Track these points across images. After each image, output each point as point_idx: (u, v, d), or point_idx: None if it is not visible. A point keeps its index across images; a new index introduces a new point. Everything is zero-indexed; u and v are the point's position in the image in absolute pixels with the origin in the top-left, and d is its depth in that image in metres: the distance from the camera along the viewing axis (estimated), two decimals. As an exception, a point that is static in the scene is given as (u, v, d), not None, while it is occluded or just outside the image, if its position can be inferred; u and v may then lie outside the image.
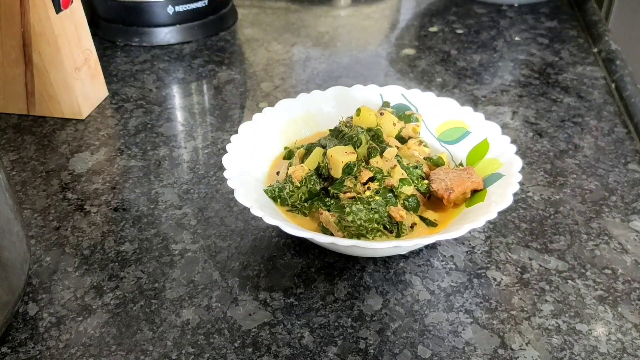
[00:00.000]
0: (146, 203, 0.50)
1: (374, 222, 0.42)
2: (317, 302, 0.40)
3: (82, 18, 0.61)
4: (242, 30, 0.83)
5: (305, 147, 0.47)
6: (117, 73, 0.71)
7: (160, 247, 0.45)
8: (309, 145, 0.47)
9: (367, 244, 0.38)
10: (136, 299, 0.41)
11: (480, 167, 0.46)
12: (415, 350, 0.37)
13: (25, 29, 0.57)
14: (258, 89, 0.67)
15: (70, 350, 0.37)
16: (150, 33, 0.77)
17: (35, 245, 0.45)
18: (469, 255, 0.44)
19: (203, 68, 0.72)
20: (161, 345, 0.37)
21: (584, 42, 0.77)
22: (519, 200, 0.49)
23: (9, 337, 0.38)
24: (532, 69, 0.71)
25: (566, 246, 0.45)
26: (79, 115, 0.61)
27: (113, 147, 0.57)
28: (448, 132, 0.50)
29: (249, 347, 0.37)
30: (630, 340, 0.37)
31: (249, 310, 0.40)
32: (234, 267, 0.43)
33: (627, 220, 0.47)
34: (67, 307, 0.40)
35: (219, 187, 0.51)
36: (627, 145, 0.56)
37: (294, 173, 0.44)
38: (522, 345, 0.37)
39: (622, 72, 0.67)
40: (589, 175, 0.52)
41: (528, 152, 0.55)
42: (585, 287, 0.41)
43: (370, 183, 0.43)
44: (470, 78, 0.69)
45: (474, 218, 0.40)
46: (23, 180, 0.52)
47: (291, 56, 0.75)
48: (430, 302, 0.40)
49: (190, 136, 0.59)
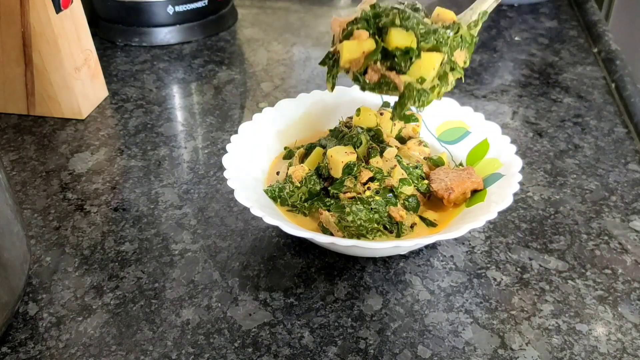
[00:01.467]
0: (146, 203, 0.50)
1: (374, 222, 0.42)
2: (317, 302, 0.40)
3: (82, 18, 0.61)
4: (242, 30, 0.83)
5: (305, 147, 0.47)
6: (117, 73, 0.71)
7: (160, 247, 0.45)
8: (308, 146, 0.47)
9: (367, 244, 0.38)
10: (136, 299, 0.41)
11: (480, 167, 0.46)
12: (415, 350, 0.37)
13: (25, 29, 0.57)
14: (258, 89, 0.67)
15: (70, 350, 0.37)
16: (150, 33, 0.77)
17: (35, 245, 0.45)
18: (469, 255, 0.44)
19: (203, 68, 0.72)
20: (161, 345, 0.37)
21: (584, 42, 0.77)
22: (519, 200, 0.49)
23: (9, 337, 0.38)
24: (532, 69, 0.71)
25: (566, 246, 0.45)
26: (79, 115, 0.61)
27: (113, 147, 0.57)
28: (448, 132, 0.50)
29: (249, 347, 0.37)
30: (630, 340, 0.37)
31: (249, 310, 0.40)
32: (234, 267, 0.43)
33: (627, 220, 0.47)
34: (67, 307, 0.40)
35: (219, 187, 0.51)
36: (627, 145, 0.56)
37: (294, 173, 0.44)
38: (522, 345, 0.37)
39: (622, 72, 0.66)
40: (589, 175, 0.52)
41: (528, 152, 0.55)
42: (585, 287, 0.41)
43: (370, 183, 0.43)
44: (470, 78, 0.69)
45: (474, 218, 0.40)
46: (23, 180, 0.52)
47: (291, 56, 0.75)
48: (430, 302, 0.40)
49: (190, 136, 0.59)
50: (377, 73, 0.40)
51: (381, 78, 0.40)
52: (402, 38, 0.39)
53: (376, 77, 0.40)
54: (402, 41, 0.39)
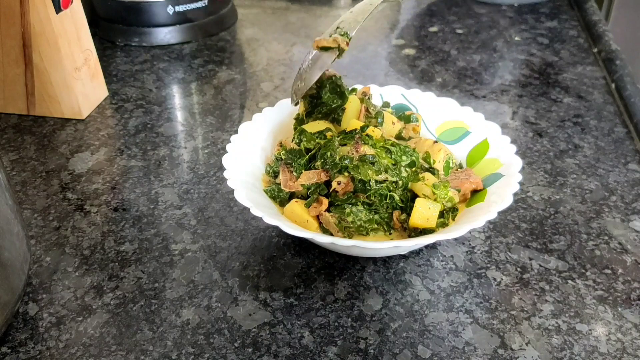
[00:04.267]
0: (146, 203, 0.50)
1: (374, 222, 0.42)
2: (317, 302, 0.40)
3: (82, 18, 0.61)
4: (242, 30, 0.83)
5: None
6: (117, 73, 0.71)
7: (160, 247, 0.45)
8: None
9: (367, 244, 0.38)
10: (136, 299, 0.40)
11: (480, 167, 0.46)
12: (415, 350, 0.37)
13: (25, 29, 0.57)
14: (258, 89, 0.67)
15: (70, 350, 0.37)
16: (150, 33, 0.77)
17: (35, 245, 0.45)
18: (469, 255, 0.44)
19: (203, 68, 0.72)
20: (161, 345, 0.37)
21: (584, 42, 0.77)
22: (519, 200, 0.49)
23: (9, 337, 0.38)
24: (532, 69, 0.71)
25: (566, 246, 0.45)
26: (79, 115, 0.61)
27: (113, 147, 0.57)
28: (448, 132, 0.50)
29: (249, 347, 0.37)
30: (630, 340, 0.37)
31: (249, 310, 0.40)
32: (234, 267, 0.43)
33: (627, 220, 0.47)
34: (67, 307, 0.40)
35: (219, 187, 0.51)
36: (627, 145, 0.56)
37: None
38: (522, 345, 0.37)
39: (622, 72, 0.66)
40: (589, 175, 0.52)
41: (528, 152, 0.55)
42: (585, 287, 0.41)
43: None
44: (470, 78, 0.69)
45: (474, 218, 0.40)
46: (23, 180, 0.52)
47: (291, 56, 0.75)
48: (430, 302, 0.40)
49: (190, 136, 0.59)
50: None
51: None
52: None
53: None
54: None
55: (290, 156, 0.45)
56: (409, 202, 0.42)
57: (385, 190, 0.41)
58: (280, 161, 0.46)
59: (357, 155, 0.41)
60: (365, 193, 0.41)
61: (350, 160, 0.41)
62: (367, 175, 0.41)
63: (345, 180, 0.41)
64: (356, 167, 0.41)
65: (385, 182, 0.41)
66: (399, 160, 0.42)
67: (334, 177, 0.42)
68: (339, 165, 0.41)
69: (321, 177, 0.42)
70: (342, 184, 0.41)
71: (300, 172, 0.43)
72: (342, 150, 0.42)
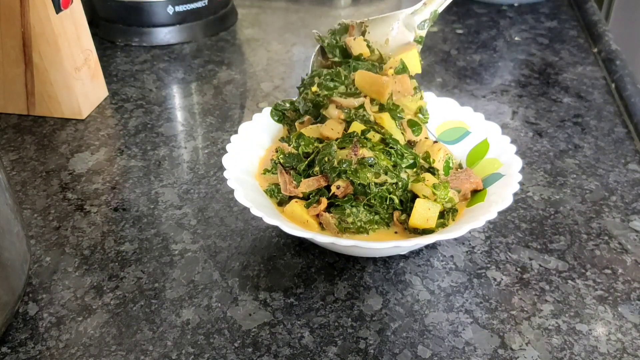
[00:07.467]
0: (146, 203, 0.50)
1: (374, 223, 0.42)
2: (317, 302, 0.40)
3: (82, 18, 0.61)
4: (242, 30, 0.83)
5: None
6: (117, 73, 0.71)
7: (160, 247, 0.45)
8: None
9: (367, 244, 0.38)
10: (136, 299, 0.41)
11: (480, 167, 0.46)
12: (415, 350, 0.37)
13: (25, 29, 0.57)
14: (258, 89, 0.67)
15: (70, 350, 0.37)
16: (150, 33, 0.77)
17: (35, 245, 0.45)
18: (469, 255, 0.44)
19: (203, 68, 0.72)
20: (161, 345, 0.37)
21: (584, 42, 0.77)
22: (519, 200, 0.49)
23: (9, 337, 0.38)
24: (532, 69, 0.71)
25: (566, 246, 0.45)
26: (79, 115, 0.61)
27: (113, 147, 0.57)
28: (448, 132, 0.50)
29: (249, 347, 0.37)
30: (630, 340, 0.37)
31: (249, 310, 0.40)
32: (234, 267, 0.43)
33: (627, 220, 0.47)
34: (67, 307, 0.40)
35: (219, 187, 0.51)
36: (627, 145, 0.56)
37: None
38: (522, 345, 0.37)
39: (622, 72, 0.66)
40: (589, 175, 0.52)
41: (528, 152, 0.55)
42: (585, 287, 0.41)
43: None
44: (470, 78, 0.69)
45: (474, 218, 0.40)
46: (23, 180, 0.52)
47: (291, 56, 0.75)
48: (430, 302, 0.40)
49: (190, 136, 0.59)
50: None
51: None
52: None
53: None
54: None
55: (289, 160, 0.44)
56: (409, 203, 0.42)
57: (385, 192, 0.41)
58: (279, 165, 0.45)
59: (356, 159, 0.41)
60: (365, 196, 0.41)
61: (348, 164, 0.41)
62: (366, 179, 0.41)
63: (345, 184, 0.41)
64: (355, 171, 0.41)
65: (385, 185, 0.41)
66: (399, 162, 0.42)
67: (333, 182, 0.41)
68: (337, 169, 0.41)
69: (320, 183, 0.42)
70: (342, 188, 0.41)
71: (300, 180, 0.43)
72: (340, 153, 0.42)
